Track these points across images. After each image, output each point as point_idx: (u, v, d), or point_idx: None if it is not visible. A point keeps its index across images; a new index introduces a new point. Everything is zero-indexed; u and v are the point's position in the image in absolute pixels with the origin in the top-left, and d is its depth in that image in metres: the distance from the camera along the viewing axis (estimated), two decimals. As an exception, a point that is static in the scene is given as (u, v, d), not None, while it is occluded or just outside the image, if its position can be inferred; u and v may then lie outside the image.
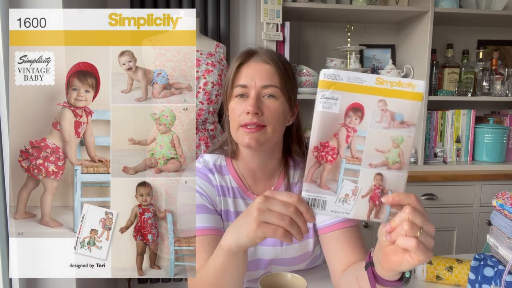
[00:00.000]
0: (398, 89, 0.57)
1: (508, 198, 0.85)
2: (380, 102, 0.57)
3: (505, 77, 2.31)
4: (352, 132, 0.58)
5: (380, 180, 0.58)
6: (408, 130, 0.58)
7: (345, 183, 0.58)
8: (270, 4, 2.04)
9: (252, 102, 0.83)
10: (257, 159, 0.93)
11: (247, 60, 0.88)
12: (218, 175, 0.95)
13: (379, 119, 0.58)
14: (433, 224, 0.57)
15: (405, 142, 0.58)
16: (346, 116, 0.58)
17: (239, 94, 0.86)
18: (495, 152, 2.27)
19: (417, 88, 0.57)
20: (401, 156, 0.58)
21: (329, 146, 0.58)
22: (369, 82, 0.57)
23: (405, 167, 0.58)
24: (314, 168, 0.59)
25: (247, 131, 0.84)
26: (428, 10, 2.11)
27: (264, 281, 0.70)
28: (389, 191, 0.58)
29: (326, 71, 0.57)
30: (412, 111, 0.57)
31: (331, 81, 0.57)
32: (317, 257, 1.00)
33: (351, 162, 0.59)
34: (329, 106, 0.57)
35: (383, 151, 0.58)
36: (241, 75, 0.87)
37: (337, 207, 0.59)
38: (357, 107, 0.57)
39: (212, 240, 0.85)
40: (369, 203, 0.58)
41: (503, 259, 0.82)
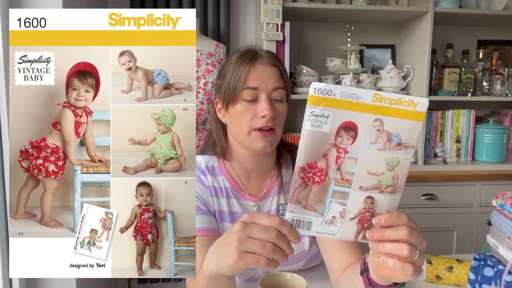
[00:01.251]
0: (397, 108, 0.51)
1: (508, 198, 0.85)
2: (376, 122, 0.52)
3: (505, 77, 2.31)
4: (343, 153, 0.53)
5: (371, 203, 0.54)
6: (405, 152, 0.53)
7: (333, 205, 0.55)
8: (270, 4, 2.04)
9: (268, 106, 0.83)
10: (255, 160, 0.93)
11: (254, 61, 0.86)
12: (211, 176, 0.94)
13: (374, 140, 0.53)
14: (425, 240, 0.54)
15: (401, 164, 0.53)
16: (337, 135, 0.52)
17: (248, 97, 0.84)
18: (495, 152, 2.27)
19: (419, 107, 0.51)
20: (395, 179, 0.54)
21: (317, 167, 0.54)
22: (365, 99, 0.51)
23: (399, 190, 0.54)
24: (300, 190, 0.55)
25: (261, 136, 0.83)
26: (428, 10, 2.12)
27: (264, 281, 0.70)
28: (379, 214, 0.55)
29: (317, 85, 0.51)
30: (411, 132, 0.52)
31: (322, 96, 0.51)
32: (315, 256, 1.00)
33: (341, 184, 0.54)
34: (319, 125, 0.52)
35: (376, 174, 0.54)
36: (251, 77, 0.85)
37: (323, 228, 0.55)
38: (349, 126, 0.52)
39: (206, 241, 0.85)
40: (357, 226, 0.55)
41: (503, 259, 0.82)
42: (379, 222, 0.53)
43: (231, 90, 0.86)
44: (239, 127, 0.86)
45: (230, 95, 0.86)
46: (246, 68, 0.85)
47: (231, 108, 0.87)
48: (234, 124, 0.88)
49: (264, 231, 0.54)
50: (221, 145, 0.94)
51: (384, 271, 0.57)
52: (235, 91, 0.85)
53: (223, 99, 0.89)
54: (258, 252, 0.55)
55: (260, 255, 0.55)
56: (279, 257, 0.55)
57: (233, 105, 0.87)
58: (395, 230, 0.53)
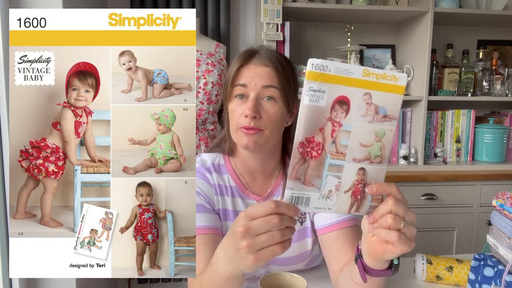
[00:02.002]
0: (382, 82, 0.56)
1: (508, 198, 0.85)
2: (366, 95, 0.56)
3: (505, 77, 2.31)
4: (338, 127, 0.56)
5: (363, 174, 0.58)
6: (390, 124, 0.57)
7: (329, 179, 0.57)
8: (270, 4, 2.04)
9: (251, 105, 0.83)
10: (256, 160, 0.93)
11: (248, 61, 0.88)
12: (216, 174, 0.95)
13: (364, 112, 0.56)
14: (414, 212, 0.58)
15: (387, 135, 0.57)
16: (332, 109, 0.55)
17: (238, 94, 0.86)
18: (495, 152, 2.27)
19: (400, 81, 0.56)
20: (382, 150, 0.58)
21: (314, 141, 0.56)
22: (356, 74, 0.55)
23: (385, 160, 0.58)
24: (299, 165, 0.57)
25: (245, 132, 0.84)
26: (428, 10, 2.12)
27: (264, 281, 0.70)
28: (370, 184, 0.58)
29: (314, 61, 0.54)
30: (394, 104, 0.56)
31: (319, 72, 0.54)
32: (316, 256, 1.00)
33: (336, 157, 0.57)
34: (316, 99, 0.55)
35: (366, 145, 0.57)
36: (241, 75, 0.87)
37: (320, 203, 0.58)
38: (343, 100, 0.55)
39: (210, 240, 0.85)
40: (351, 198, 0.58)
41: (503, 259, 0.82)
42: (371, 190, 0.57)
43: (226, 86, 0.90)
44: (231, 124, 0.89)
45: (226, 91, 0.90)
46: (237, 66, 0.88)
47: (228, 106, 0.90)
48: (230, 121, 0.90)
49: (266, 224, 0.55)
50: (230, 140, 0.96)
51: (378, 247, 0.60)
52: (227, 88, 0.89)
53: (223, 97, 0.93)
54: (270, 244, 0.56)
55: (274, 246, 0.56)
56: (289, 235, 0.57)
57: (228, 103, 0.90)
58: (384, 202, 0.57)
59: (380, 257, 0.61)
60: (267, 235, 0.55)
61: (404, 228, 0.56)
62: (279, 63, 0.88)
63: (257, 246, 0.56)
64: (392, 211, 0.56)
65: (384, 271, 0.64)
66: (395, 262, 0.65)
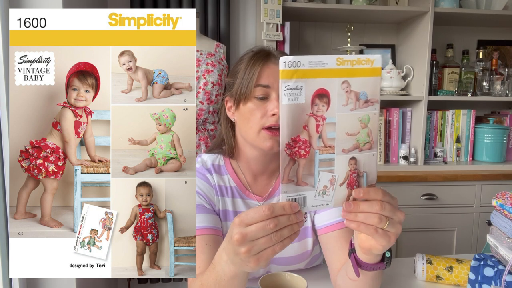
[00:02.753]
0: (358, 67, 0.55)
1: (508, 198, 0.85)
2: (344, 84, 0.55)
3: (505, 77, 2.31)
4: (322, 121, 0.56)
5: (355, 164, 0.57)
6: (373, 108, 0.56)
7: (322, 175, 0.57)
8: (270, 4, 2.04)
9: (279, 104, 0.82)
10: (262, 161, 0.92)
11: (267, 60, 0.87)
12: (217, 175, 0.94)
13: (345, 101, 0.55)
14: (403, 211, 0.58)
15: (372, 120, 0.57)
16: (313, 104, 0.55)
17: (259, 95, 0.84)
18: (495, 152, 2.27)
19: (376, 63, 0.55)
20: (370, 135, 0.57)
21: (300, 140, 0.56)
22: (330, 64, 0.54)
23: (375, 145, 0.58)
24: (289, 167, 0.56)
25: (270, 134, 0.83)
26: (428, 10, 2.12)
27: (264, 281, 0.70)
28: (363, 172, 0.58)
29: (286, 58, 0.52)
30: (374, 87, 0.56)
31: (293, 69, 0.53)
32: (317, 256, 1.00)
33: (325, 152, 0.57)
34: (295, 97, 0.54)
35: (353, 134, 0.57)
36: (262, 76, 0.85)
37: (317, 201, 0.57)
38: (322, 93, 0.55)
39: (210, 240, 0.85)
40: (347, 190, 0.58)
41: (503, 259, 0.82)
42: (358, 194, 0.57)
43: (244, 87, 0.86)
44: (249, 125, 0.86)
45: (242, 92, 0.86)
46: (260, 66, 0.85)
47: (242, 106, 0.87)
48: (243, 123, 0.87)
49: (262, 230, 0.55)
50: (230, 143, 0.94)
51: (366, 243, 0.61)
52: (248, 89, 0.85)
53: (234, 97, 0.89)
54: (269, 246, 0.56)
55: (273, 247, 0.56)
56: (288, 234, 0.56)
57: (244, 103, 0.86)
58: (369, 204, 0.56)
59: (370, 251, 0.62)
60: (265, 238, 0.55)
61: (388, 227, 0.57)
62: None
63: (255, 250, 0.56)
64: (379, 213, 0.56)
65: (376, 264, 0.65)
66: (387, 255, 0.65)
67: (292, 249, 0.94)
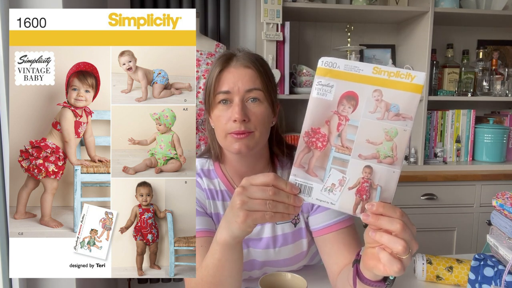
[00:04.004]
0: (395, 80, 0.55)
1: (508, 198, 0.85)
2: (376, 92, 0.56)
3: (505, 77, 2.31)
4: (344, 121, 0.57)
5: (369, 173, 0.56)
6: (403, 123, 0.55)
7: (333, 172, 0.57)
8: (270, 4, 2.04)
9: (238, 109, 0.81)
10: (245, 163, 0.92)
11: (227, 65, 0.85)
12: (206, 179, 0.94)
13: (373, 109, 0.56)
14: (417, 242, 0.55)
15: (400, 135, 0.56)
16: (340, 104, 0.57)
17: (222, 100, 0.84)
18: (495, 152, 2.27)
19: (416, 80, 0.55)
20: (394, 150, 0.56)
21: (320, 132, 0.58)
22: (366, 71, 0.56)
23: (398, 163, 0.56)
24: (304, 153, 0.58)
25: (236, 138, 0.82)
26: (428, 10, 2.12)
27: (264, 281, 0.70)
28: (378, 186, 0.56)
29: (325, 58, 0.57)
30: (409, 103, 0.55)
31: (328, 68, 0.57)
32: (315, 254, 1.00)
33: (341, 151, 0.57)
34: (324, 93, 0.57)
35: (374, 143, 0.56)
36: (223, 81, 0.84)
37: (323, 195, 0.58)
38: (351, 95, 0.56)
39: (205, 242, 0.85)
40: (355, 196, 0.57)
41: (503, 259, 0.82)
42: (371, 208, 0.55)
43: (208, 95, 0.87)
44: (218, 132, 0.87)
45: (208, 100, 0.87)
46: (217, 72, 0.85)
47: (212, 113, 0.87)
48: (216, 129, 0.88)
49: (262, 191, 0.58)
50: (214, 148, 0.94)
51: (370, 261, 0.59)
52: (210, 97, 0.86)
53: (204, 105, 0.90)
54: (261, 210, 0.58)
55: (264, 212, 0.58)
56: (281, 210, 0.58)
57: (212, 110, 0.87)
58: (389, 220, 0.54)
59: (370, 270, 0.60)
60: (260, 200, 0.58)
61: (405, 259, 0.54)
62: (259, 63, 0.87)
63: (248, 206, 0.58)
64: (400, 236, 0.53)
65: (377, 282, 0.63)
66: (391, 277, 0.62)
67: (287, 251, 0.94)
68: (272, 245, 0.92)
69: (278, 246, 0.93)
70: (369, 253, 0.60)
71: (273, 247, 0.93)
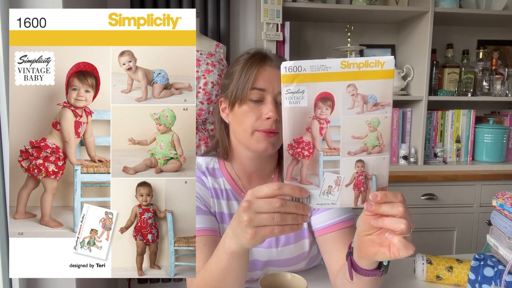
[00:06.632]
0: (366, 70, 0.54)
1: (508, 198, 0.85)
2: (349, 87, 0.54)
3: (505, 77, 2.31)
4: (325, 123, 0.56)
5: (362, 166, 0.57)
6: (383, 111, 0.55)
7: (327, 175, 0.57)
8: (270, 4, 2.04)
9: (273, 108, 0.82)
10: (257, 163, 0.92)
11: (263, 64, 0.87)
12: (211, 177, 0.94)
13: (351, 105, 0.55)
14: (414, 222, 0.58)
15: (382, 123, 0.56)
16: (316, 107, 0.55)
17: (255, 98, 0.84)
18: (495, 152, 2.27)
19: (387, 65, 0.54)
20: (380, 139, 0.56)
21: (303, 141, 0.56)
22: (334, 68, 0.54)
23: (386, 149, 0.57)
24: (292, 166, 0.57)
25: (264, 136, 0.83)
26: (428, 10, 2.12)
27: (264, 281, 0.70)
28: (372, 175, 0.57)
29: (286, 63, 0.54)
30: (384, 90, 0.54)
31: (294, 73, 0.54)
32: (315, 257, 1.00)
33: (329, 153, 0.57)
34: (296, 101, 0.55)
35: (360, 137, 0.56)
36: (259, 79, 0.85)
37: (322, 199, 0.58)
38: (326, 96, 0.55)
39: (208, 241, 0.85)
40: (354, 191, 0.57)
41: (503, 259, 0.82)
42: (375, 198, 0.56)
43: (239, 90, 0.86)
44: (242, 127, 0.86)
45: (238, 95, 0.86)
46: (256, 69, 0.85)
47: (236, 108, 0.87)
48: (237, 124, 0.87)
49: (268, 205, 0.56)
50: (224, 145, 0.94)
51: (370, 248, 0.60)
52: (244, 91, 0.85)
53: (229, 99, 0.89)
54: (270, 225, 0.57)
55: (273, 226, 0.57)
56: (290, 221, 0.57)
57: (239, 105, 0.86)
58: (391, 205, 0.56)
59: (371, 257, 0.61)
60: (268, 215, 0.57)
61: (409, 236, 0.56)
62: None
63: (256, 222, 0.57)
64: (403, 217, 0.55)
65: (372, 271, 0.64)
66: (384, 263, 0.64)
67: (289, 251, 0.94)
68: (275, 244, 0.93)
69: (281, 245, 0.93)
70: (367, 241, 0.60)
71: (276, 246, 0.93)
